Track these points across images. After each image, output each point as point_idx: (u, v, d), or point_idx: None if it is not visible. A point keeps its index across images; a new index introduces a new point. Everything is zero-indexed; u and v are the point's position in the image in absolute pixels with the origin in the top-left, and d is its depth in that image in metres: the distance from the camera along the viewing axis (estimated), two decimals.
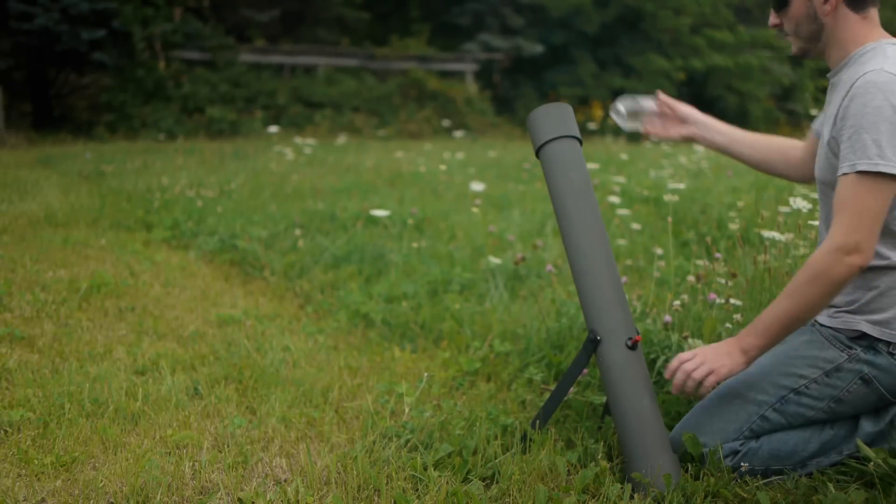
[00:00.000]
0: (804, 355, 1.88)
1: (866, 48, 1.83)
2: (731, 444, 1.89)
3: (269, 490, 1.86)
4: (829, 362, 1.87)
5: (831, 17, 1.85)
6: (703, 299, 2.65)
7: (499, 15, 18.33)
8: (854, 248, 1.72)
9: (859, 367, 1.85)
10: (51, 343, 2.85)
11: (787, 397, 1.88)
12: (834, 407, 1.88)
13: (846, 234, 1.72)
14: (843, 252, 1.72)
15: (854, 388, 1.86)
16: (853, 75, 1.79)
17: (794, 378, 1.88)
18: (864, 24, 1.85)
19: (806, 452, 1.90)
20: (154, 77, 14.21)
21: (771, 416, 1.89)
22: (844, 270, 1.73)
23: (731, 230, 3.78)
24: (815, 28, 1.87)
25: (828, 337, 1.89)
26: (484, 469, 1.90)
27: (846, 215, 1.73)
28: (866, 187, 1.71)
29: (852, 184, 1.72)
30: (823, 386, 1.87)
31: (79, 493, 1.81)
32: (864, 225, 1.72)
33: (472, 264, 3.91)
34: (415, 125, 15.48)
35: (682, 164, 7.92)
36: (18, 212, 5.48)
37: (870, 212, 1.71)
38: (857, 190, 1.72)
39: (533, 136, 2.11)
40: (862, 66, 1.79)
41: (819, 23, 1.86)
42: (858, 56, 1.84)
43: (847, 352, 1.86)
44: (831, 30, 1.86)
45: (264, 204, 5.75)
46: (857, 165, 1.71)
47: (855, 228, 1.72)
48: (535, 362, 2.62)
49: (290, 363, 2.74)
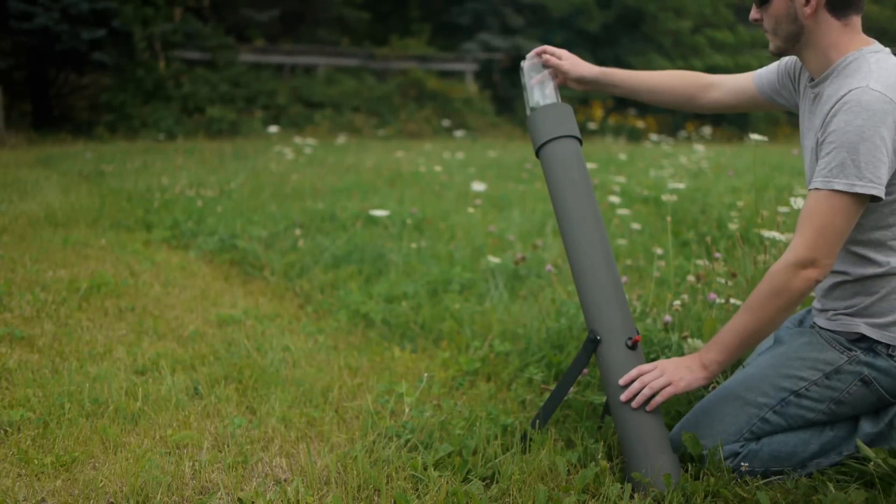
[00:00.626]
0: (803, 357, 1.88)
1: (848, 58, 1.80)
2: (731, 446, 1.88)
3: (269, 490, 1.86)
4: (828, 364, 1.87)
5: (812, 21, 1.81)
6: (703, 299, 2.65)
7: (499, 14, 18.33)
8: (811, 263, 1.73)
9: (859, 369, 1.85)
10: (51, 343, 2.85)
11: (788, 399, 1.88)
12: (834, 409, 1.88)
13: (806, 250, 1.73)
14: (801, 266, 1.74)
15: (854, 390, 1.86)
16: (837, 90, 1.77)
17: (794, 380, 1.88)
18: (846, 31, 1.81)
19: (806, 453, 1.90)
20: (154, 77, 14.21)
21: (771, 419, 1.88)
22: (802, 284, 1.74)
23: (731, 230, 3.78)
24: (795, 29, 1.83)
25: (827, 339, 1.89)
26: (484, 469, 1.90)
27: (809, 230, 1.73)
28: (836, 206, 1.71)
29: (823, 200, 1.72)
30: (823, 388, 1.87)
31: (79, 493, 1.81)
32: (826, 241, 1.72)
33: (472, 264, 3.91)
34: (415, 125, 15.48)
35: (682, 164, 7.92)
36: (18, 211, 5.48)
37: (835, 229, 1.72)
38: (826, 206, 1.72)
39: (533, 135, 2.11)
40: (846, 79, 1.77)
41: (799, 24, 1.82)
42: (841, 68, 1.80)
43: (847, 354, 1.86)
44: (811, 33, 1.82)
45: (264, 204, 5.75)
46: (833, 184, 1.70)
47: (816, 244, 1.73)
48: (535, 362, 2.62)
49: (290, 363, 2.74)
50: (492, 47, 17.81)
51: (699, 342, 2.23)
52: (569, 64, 2.18)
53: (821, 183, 1.73)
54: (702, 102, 2.18)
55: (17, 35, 12.70)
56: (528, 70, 2.22)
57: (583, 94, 17.64)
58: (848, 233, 1.74)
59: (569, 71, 2.18)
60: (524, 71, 2.22)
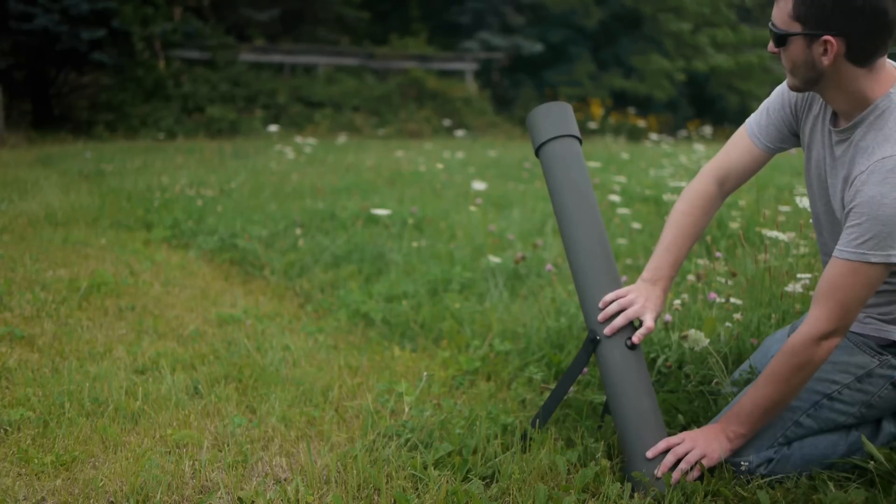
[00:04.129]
0: (834, 361, 1.87)
1: (879, 106, 1.70)
2: (766, 453, 1.87)
3: (269, 489, 1.86)
4: (860, 368, 1.86)
5: (832, 68, 1.69)
6: (704, 298, 2.65)
7: (499, 13, 18.32)
8: (833, 333, 1.72)
9: (890, 373, 1.85)
10: (51, 342, 2.85)
11: (821, 403, 1.87)
12: (864, 412, 1.88)
13: (829, 323, 1.71)
14: (823, 339, 1.72)
15: (885, 394, 1.86)
16: (870, 150, 1.68)
17: (826, 384, 1.87)
18: (871, 75, 1.70)
19: (836, 456, 1.90)
20: (154, 76, 14.20)
21: (804, 422, 1.88)
22: (825, 354, 1.74)
23: (732, 229, 3.78)
24: (814, 75, 1.72)
25: (856, 342, 1.88)
26: (484, 468, 1.90)
27: (833, 304, 1.69)
28: (867, 276, 1.67)
29: (852, 272, 1.67)
30: (855, 391, 1.86)
31: (79, 493, 1.81)
32: (849, 313, 1.70)
33: (472, 263, 3.90)
34: (415, 124, 15.47)
35: (683, 164, 7.92)
36: (18, 211, 5.47)
37: (858, 300, 1.69)
38: (853, 279, 1.67)
39: (533, 135, 2.11)
40: (879, 133, 1.68)
41: (818, 70, 1.71)
42: (874, 118, 1.70)
43: (878, 357, 1.85)
44: (831, 79, 1.72)
45: (264, 203, 5.75)
46: (869, 256, 1.64)
47: (839, 318, 1.70)
48: (535, 361, 2.62)
49: (290, 362, 2.74)
50: (492, 46, 17.80)
51: (700, 334, 2.23)
52: (653, 314, 1.95)
53: (852, 255, 1.66)
54: (722, 201, 2.09)
55: (17, 35, 12.69)
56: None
57: (582, 92, 17.67)
58: (870, 298, 1.71)
59: (658, 311, 1.98)
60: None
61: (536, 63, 18.29)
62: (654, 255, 2.04)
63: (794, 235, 2.82)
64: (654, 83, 18.46)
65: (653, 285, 1.99)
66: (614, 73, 18.75)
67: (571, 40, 18.50)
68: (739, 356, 2.34)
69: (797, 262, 2.73)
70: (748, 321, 2.46)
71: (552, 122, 2.07)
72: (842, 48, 1.66)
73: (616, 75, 18.69)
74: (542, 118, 2.09)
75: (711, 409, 2.12)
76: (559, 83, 18.03)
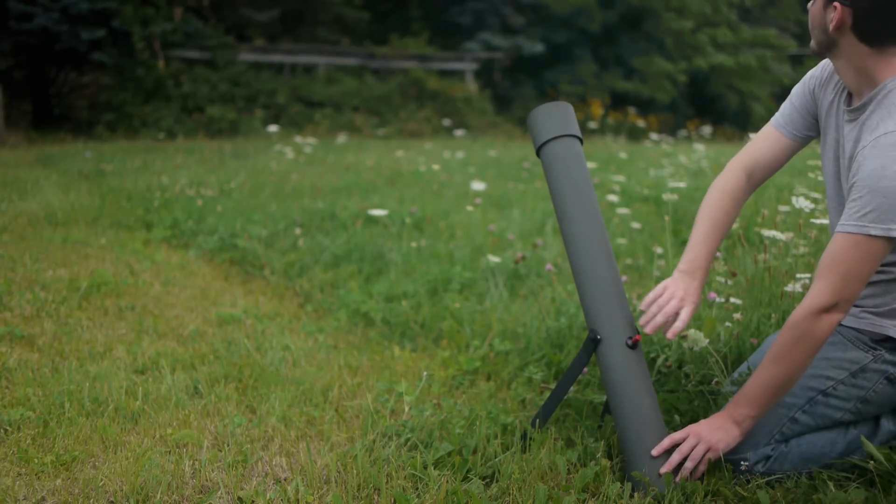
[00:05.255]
0: (828, 357, 1.88)
1: (887, 86, 1.72)
2: (763, 450, 1.87)
3: (269, 489, 1.86)
4: (854, 363, 1.86)
5: (838, 37, 1.72)
6: (703, 298, 2.64)
7: (499, 14, 18.33)
8: (833, 307, 1.71)
9: (885, 368, 1.85)
10: (51, 342, 2.85)
11: (816, 399, 1.88)
12: (861, 407, 1.88)
13: (830, 296, 1.70)
14: (824, 311, 1.71)
15: (880, 389, 1.86)
16: (874, 123, 1.70)
17: (821, 380, 1.87)
18: (882, 59, 1.71)
19: (834, 454, 1.90)
20: (154, 76, 14.21)
21: (800, 418, 1.88)
22: (826, 329, 1.72)
23: (732, 229, 3.78)
24: (825, 39, 1.75)
25: (850, 338, 1.89)
26: (484, 468, 1.90)
27: (834, 276, 1.69)
28: (868, 250, 1.66)
29: (853, 245, 1.67)
30: (850, 387, 1.87)
31: (79, 492, 1.81)
32: (850, 286, 1.69)
33: (472, 263, 3.90)
34: (415, 124, 15.47)
35: (682, 164, 7.92)
36: (18, 211, 5.47)
37: (860, 274, 1.68)
38: (855, 252, 1.67)
39: (533, 134, 2.11)
40: (884, 110, 1.70)
41: (830, 37, 1.74)
42: (881, 97, 1.72)
43: (871, 353, 1.86)
44: (842, 49, 1.74)
45: (264, 203, 5.75)
46: (869, 229, 1.65)
47: (840, 290, 1.69)
48: (535, 361, 2.62)
49: (290, 362, 2.74)
50: (492, 47, 17.81)
51: (700, 334, 2.23)
52: (691, 307, 1.97)
53: (853, 227, 1.66)
54: (751, 193, 2.09)
55: (17, 35, 12.70)
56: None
57: (582, 91, 17.67)
58: (870, 276, 1.70)
59: (697, 304, 1.99)
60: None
61: (537, 63, 18.30)
62: (689, 246, 2.05)
63: (793, 235, 2.82)
64: (656, 85, 18.47)
65: (691, 278, 2.00)
66: (615, 73, 18.75)
67: (573, 41, 18.51)
68: (739, 356, 2.34)
69: (797, 261, 2.73)
70: (748, 321, 2.46)
71: (553, 122, 2.07)
72: (848, 19, 1.70)
73: (617, 76, 18.70)
74: (543, 118, 2.09)
75: (711, 409, 2.12)
76: (560, 83, 18.04)
